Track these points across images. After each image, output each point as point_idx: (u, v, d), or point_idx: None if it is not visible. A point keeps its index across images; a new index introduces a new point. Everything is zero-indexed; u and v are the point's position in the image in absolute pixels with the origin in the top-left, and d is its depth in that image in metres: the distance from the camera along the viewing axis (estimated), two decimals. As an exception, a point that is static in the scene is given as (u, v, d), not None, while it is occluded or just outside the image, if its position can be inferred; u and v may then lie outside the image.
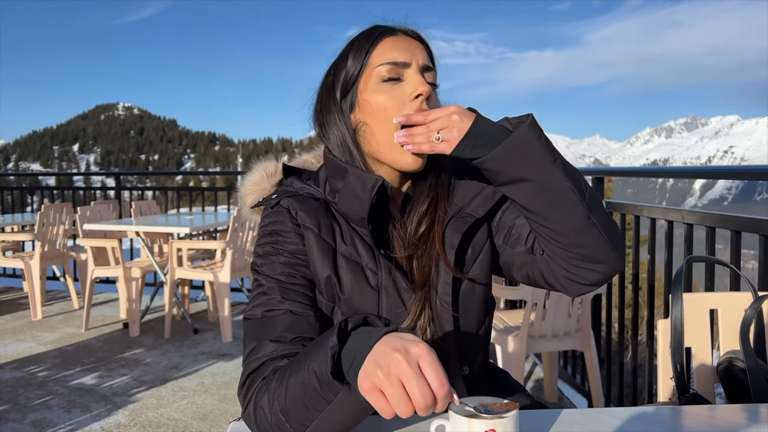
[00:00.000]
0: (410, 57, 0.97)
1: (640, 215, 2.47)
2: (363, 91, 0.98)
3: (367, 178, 0.95)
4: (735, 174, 2.16)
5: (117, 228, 4.40)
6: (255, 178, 1.15)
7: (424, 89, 0.94)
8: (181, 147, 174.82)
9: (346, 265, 0.97)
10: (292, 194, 1.02)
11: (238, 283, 5.24)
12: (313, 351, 0.76)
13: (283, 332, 0.89)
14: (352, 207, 0.97)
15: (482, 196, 1.02)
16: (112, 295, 5.52)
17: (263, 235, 1.01)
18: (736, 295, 1.33)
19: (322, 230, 0.97)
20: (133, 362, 3.73)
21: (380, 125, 0.97)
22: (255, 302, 0.95)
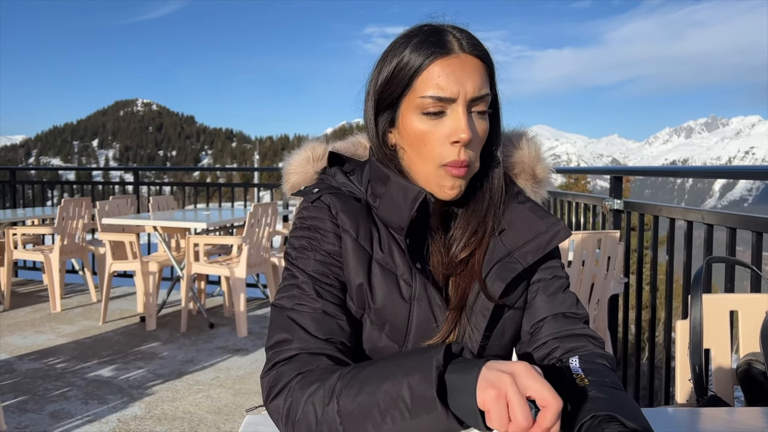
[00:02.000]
0: (458, 89, 0.88)
1: (659, 215, 2.44)
2: (404, 113, 0.93)
3: (409, 190, 0.92)
4: (754, 174, 2.13)
5: (135, 222, 4.44)
6: (301, 158, 1.11)
7: (463, 137, 0.88)
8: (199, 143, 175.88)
9: (380, 273, 0.94)
10: (334, 191, 0.99)
11: (254, 278, 5.27)
12: (408, 364, 0.74)
13: (316, 330, 0.88)
14: (391, 216, 0.94)
15: (535, 243, 0.96)
16: (129, 289, 5.58)
17: (300, 227, 0.98)
18: (757, 296, 1.31)
19: (360, 235, 0.94)
20: (149, 355, 3.77)
21: (418, 155, 0.93)
22: (287, 292, 0.93)
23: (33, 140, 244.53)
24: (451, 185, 0.92)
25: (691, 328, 1.28)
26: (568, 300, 0.98)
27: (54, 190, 7.56)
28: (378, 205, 0.96)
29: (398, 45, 0.93)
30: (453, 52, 0.89)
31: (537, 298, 0.98)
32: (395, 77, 0.92)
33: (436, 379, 0.69)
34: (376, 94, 0.96)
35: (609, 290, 2.63)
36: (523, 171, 1.07)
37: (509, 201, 1.00)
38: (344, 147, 1.13)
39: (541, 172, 1.07)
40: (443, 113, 0.90)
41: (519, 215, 0.99)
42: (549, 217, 0.98)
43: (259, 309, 5.02)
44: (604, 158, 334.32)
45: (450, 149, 0.90)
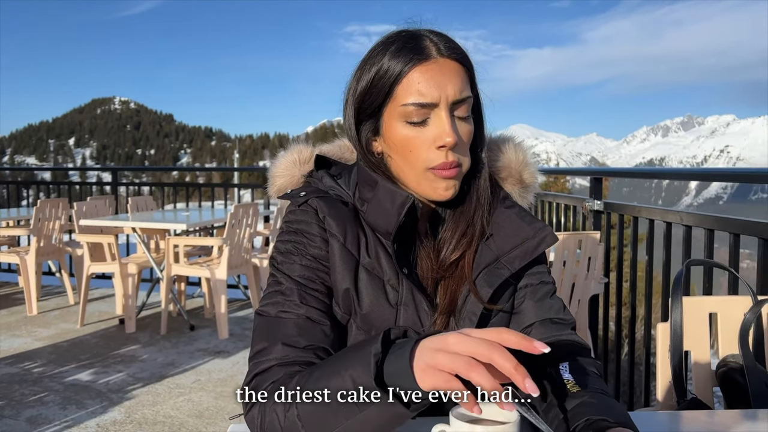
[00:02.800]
0: (439, 93, 0.88)
1: (639, 216, 2.48)
2: (387, 121, 0.93)
3: (397, 195, 0.92)
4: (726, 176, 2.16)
5: (114, 224, 4.39)
6: (288, 160, 1.10)
7: (449, 141, 0.88)
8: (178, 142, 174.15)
9: (367, 278, 0.94)
10: (321, 195, 0.99)
11: (235, 279, 5.23)
12: (350, 358, 0.74)
13: (297, 337, 0.87)
14: (379, 221, 0.94)
15: (522, 248, 0.96)
16: (107, 291, 5.51)
17: (287, 231, 0.98)
18: (735, 299, 1.34)
19: (347, 240, 0.94)
20: (129, 359, 3.72)
21: (405, 161, 0.93)
22: (271, 299, 0.92)
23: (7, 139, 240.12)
24: (445, 186, 0.92)
25: (671, 331, 1.29)
26: (555, 305, 0.99)
27: (29, 189, 7.43)
28: (366, 209, 0.96)
29: (376, 52, 0.93)
30: (431, 57, 0.89)
31: (525, 304, 0.98)
32: (375, 86, 0.92)
33: (374, 368, 0.69)
34: (356, 103, 0.95)
35: (590, 290, 2.65)
36: (510, 175, 1.07)
37: (496, 205, 1.00)
38: (331, 150, 1.12)
39: (528, 177, 1.07)
40: (427, 119, 0.90)
41: (506, 220, 0.99)
42: (536, 223, 0.99)
43: (240, 310, 4.99)
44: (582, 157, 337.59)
45: (437, 153, 0.90)
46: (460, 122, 0.91)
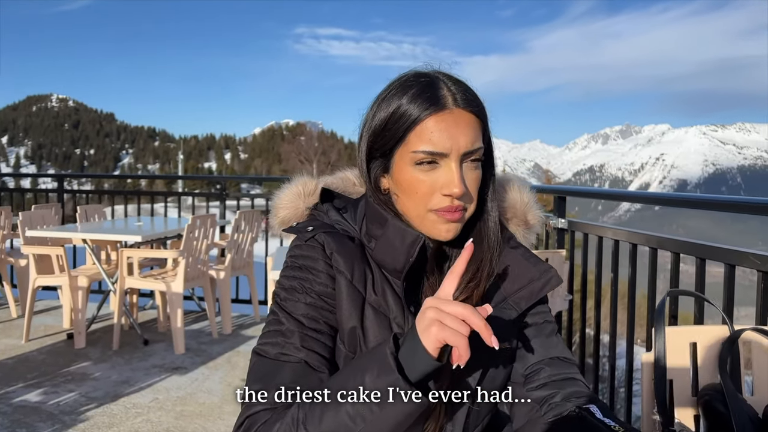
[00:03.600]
0: (451, 145, 0.89)
1: (603, 236, 2.54)
2: (398, 162, 0.93)
3: (407, 233, 0.93)
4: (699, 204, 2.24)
5: (63, 235, 4.21)
6: (292, 192, 1.11)
7: (456, 192, 0.89)
8: (119, 142, 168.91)
9: (373, 316, 0.94)
10: (329, 230, 0.98)
11: (189, 291, 5.10)
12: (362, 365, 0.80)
13: (293, 383, 0.86)
14: (388, 259, 0.95)
15: (528, 289, 0.98)
16: (52, 303, 5.28)
17: (292, 266, 0.97)
18: (714, 328, 1.38)
19: (354, 276, 0.94)
20: (80, 377, 3.57)
21: (411, 201, 0.94)
22: (270, 339, 0.92)
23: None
24: (447, 228, 0.93)
25: (655, 360, 1.33)
26: (559, 344, 1.01)
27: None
28: (374, 246, 0.96)
29: (393, 93, 0.93)
30: (447, 108, 0.90)
31: (532, 342, 1.00)
32: (389, 128, 0.92)
33: (394, 363, 0.76)
34: (369, 141, 0.96)
35: (555, 307, 2.71)
36: (515, 216, 1.10)
37: (502, 246, 1.01)
38: (334, 183, 1.13)
39: (533, 219, 1.10)
40: (436, 165, 0.91)
41: (512, 261, 1.00)
42: (541, 264, 1.01)
43: (195, 323, 4.86)
44: (527, 163, 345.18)
45: (442, 198, 0.91)
46: (469, 170, 0.92)
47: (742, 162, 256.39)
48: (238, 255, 4.75)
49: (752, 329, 1.35)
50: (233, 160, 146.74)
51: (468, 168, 0.92)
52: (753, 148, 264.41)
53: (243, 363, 3.90)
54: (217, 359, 3.97)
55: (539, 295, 0.98)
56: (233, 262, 4.66)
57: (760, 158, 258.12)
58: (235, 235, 4.67)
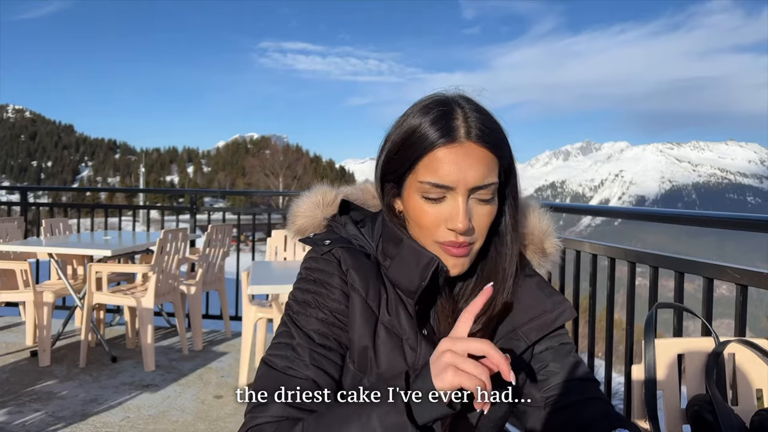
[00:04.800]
0: (458, 178, 0.86)
1: (581, 250, 2.59)
2: (408, 189, 0.92)
3: (422, 256, 0.91)
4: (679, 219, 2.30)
5: (30, 249, 4.09)
6: (311, 202, 1.10)
7: (459, 227, 0.87)
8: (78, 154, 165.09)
9: (386, 336, 0.92)
10: (346, 244, 0.97)
11: (158, 306, 4.99)
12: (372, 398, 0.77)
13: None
14: (402, 279, 0.93)
15: (540, 321, 0.96)
16: (12, 320, 5.11)
17: (306, 279, 0.96)
18: (701, 340, 1.42)
19: (369, 295, 0.93)
20: (45, 395, 3.46)
21: (419, 230, 0.93)
22: (280, 351, 0.91)
23: None
24: (453, 263, 0.92)
25: (645, 372, 1.36)
26: (579, 364, 0.99)
27: None
28: (389, 265, 0.95)
29: (412, 116, 0.92)
30: (458, 140, 0.87)
31: (550, 366, 0.98)
32: (401, 155, 0.91)
33: (404, 405, 0.74)
34: (383, 164, 0.95)
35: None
36: (532, 243, 1.07)
37: (519, 277, 0.99)
38: (353, 193, 1.12)
39: (550, 247, 1.08)
40: (443, 198, 0.89)
41: (526, 290, 0.99)
42: (556, 296, 0.99)
43: (164, 339, 4.76)
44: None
45: (447, 232, 0.89)
46: (479, 205, 0.89)
47: (696, 179, 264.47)
48: (210, 270, 4.68)
49: (737, 341, 1.39)
50: (196, 173, 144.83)
51: (477, 203, 0.89)
52: (707, 166, 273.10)
53: (215, 379, 3.83)
54: (189, 376, 3.89)
55: (551, 327, 0.97)
56: (204, 277, 4.59)
57: (714, 175, 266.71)
58: (206, 249, 4.60)
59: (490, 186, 0.89)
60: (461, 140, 0.87)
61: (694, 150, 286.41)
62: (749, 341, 1.39)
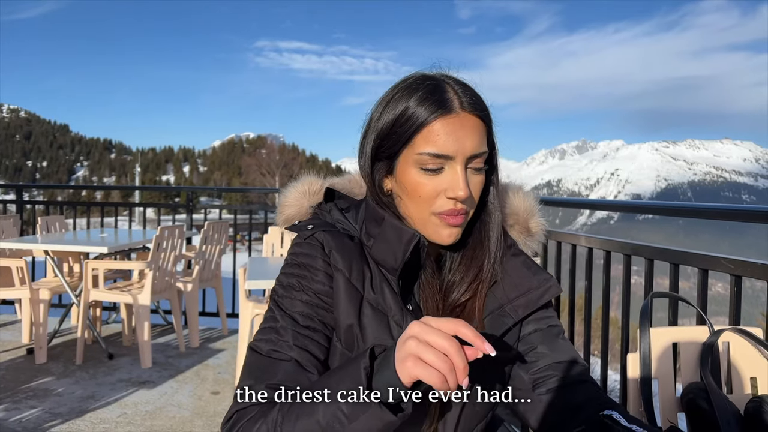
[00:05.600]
0: (456, 148, 0.89)
1: (577, 244, 2.60)
2: (402, 165, 0.94)
3: (403, 232, 0.93)
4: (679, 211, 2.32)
5: (26, 246, 4.08)
6: (298, 191, 1.13)
7: (460, 194, 0.89)
8: (74, 154, 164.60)
9: (371, 314, 0.94)
10: (328, 228, 0.99)
11: (154, 304, 4.99)
12: (338, 376, 0.78)
13: (282, 381, 0.87)
14: (385, 256, 0.95)
15: (527, 298, 0.98)
16: (8, 318, 5.10)
17: (291, 264, 0.98)
18: (696, 329, 1.43)
19: (352, 275, 0.94)
20: (42, 392, 3.45)
21: (414, 203, 0.94)
22: (265, 335, 0.92)
23: None
24: (449, 233, 0.94)
25: (641, 361, 1.37)
26: (567, 347, 1.01)
27: None
28: (371, 245, 0.97)
29: (399, 96, 0.93)
30: (453, 111, 0.90)
31: (538, 349, 1.00)
32: (395, 131, 0.92)
33: (365, 380, 0.75)
34: (375, 143, 0.96)
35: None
36: (517, 222, 1.10)
37: (504, 251, 1.02)
38: (340, 183, 1.14)
39: (535, 227, 1.11)
40: (441, 169, 0.91)
41: (512, 268, 1.01)
42: (541, 273, 1.01)
43: (161, 336, 4.76)
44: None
45: (446, 201, 0.92)
46: (473, 174, 0.93)
47: (692, 177, 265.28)
48: (206, 267, 4.68)
49: (731, 329, 1.40)
50: (192, 173, 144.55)
51: (472, 172, 0.92)
52: (702, 164, 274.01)
53: (212, 376, 3.83)
54: (186, 373, 3.89)
55: (537, 303, 0.99)
56: (201, 275, 4.58)
57: (709, 173, 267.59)
58: (203, 246, 4.60)
59: (484, 154, 0.93)
60: (456, 111, 0.90)
61: (689, 148, 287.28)
62: (743, 330, 1.40)
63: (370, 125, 0.97)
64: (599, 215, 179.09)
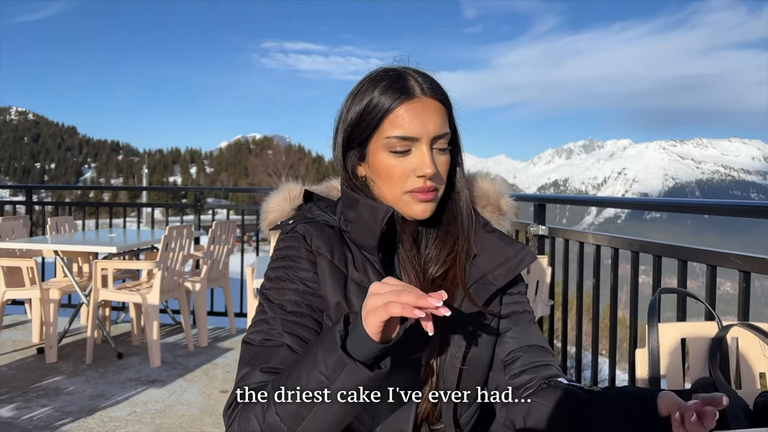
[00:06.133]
0: (421, 129, 0.97)
1: (584, 242, 2.60)
2: (373, 150, 1.01)
3: (377, 209, 1.00)
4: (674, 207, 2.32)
5: (35, 246, 4.12)
6: (279, 197, 1.19)
7: (428, 172, 0.97)
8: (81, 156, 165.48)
9: (357, 291, 0.99)
10: (309, 220, 1.05)
11: (163, 304, 5.01)
12: (316, 343, 0.84)
13: (276, 365, 0.92)
14: (363, 236, 1.01)
15: (506, 266, 1.06)
16: (18, 318, 5.14)
17: (276, 258, 1.03)
18: (704, 324, 1.43)
19: (335, 257, 1.00)
20: (53, 391, 3.48)
21: (387, 185, 1.01)
22: (256, 327, 0.98)
23: None
24: (422, 209, 1.01)
25: (649, 356, 1.37)
26: (537, 333, 1.10)
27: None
28: (350, 229, 1.03)
29: (365, 88, 1.01)
30: (416, 96, 0.98)
31: (510, 331, 1.08)
32: (364, 119, 1.00)
33: (339, 340, 0.80)
34: (345, 133, 1.04)
35: (537, 312, 2.75)
36: (488, 203, 1.18)
37: (478, 230, 1.09)
38: (319, 189, 1.22)
39: (505, 205, 1.19)
40: (409, 151, 0.98)
41: (489, 243, 1.08)
42: (516, 244, 1.09)
43: (169, 336, 4.78)
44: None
45: (416, 180, 0.99)
46: (438, 154, 1.00)
47: (700, 176, 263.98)
48: (214, 267, 4.70)
49: (740, 324, 1.40)
50: (199, 174, 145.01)
51: (437, 153, 1.00)
52: (710, 163, 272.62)
53: (221, 375, 3.85)
54: (195, 371, 3.91)
55: (516, 271, 1.06)
56: (209, 274, 4.60)
57: (717, 172, 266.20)
58: (211, 246, 4.62)
59: (447, 135, 1.01)
60: (418, 96, 0.98)
61: (697, 147, 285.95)
62: (752, 325, 1.40)
63: (341, 117, 1.05)
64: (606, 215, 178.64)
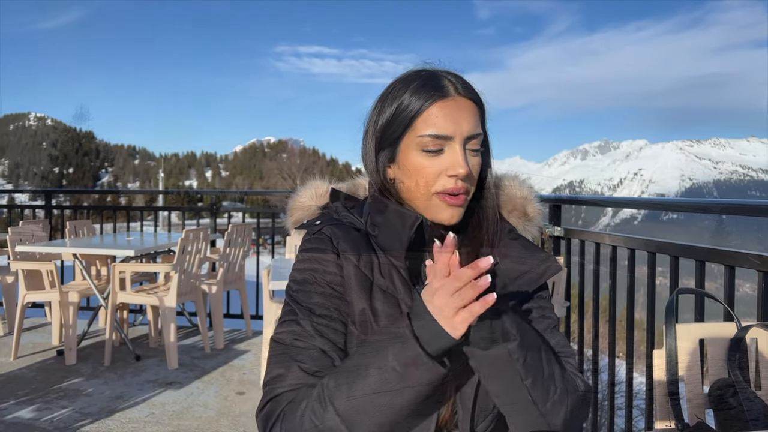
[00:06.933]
0: (455, 128, 0.96)
1: (601, 243, 2.59)
2: (404, 150, 1.00)
3: (406, 216, 0.98)
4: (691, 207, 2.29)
5: (54, 250, 4.17)
6: (305, 195, 1.18)
7: (461, 171, 0.96)
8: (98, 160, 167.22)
9: (382, 297, 0.98)
10: (335, 222, 1.04)
11: (180, 306, 5.06)
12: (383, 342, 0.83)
13: (312, 366, 0.91)
14: (390, 242, 0.99)
15: (528, 276, 1.03)
16: (38, 321, 5.21)
17: (303, 260, 1.02)
18: (722, 325, 1.42)
19: (361, 262, 0.99)
20: (72, 393, 3.52)
21: (416, 186, 0.99)
22: (287, 327, 0.96)
23: None
24: (450, 214, 0.99)
25: (667, 357, 1.36)
26: (558, 338, 1.06)
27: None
28: (377, 233, 1.02)
29: (397, 89, 1.00)
30: (449, 95, 0.97)
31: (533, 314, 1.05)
32: (396, 119, 0.99)
33: (414, 339, 0.80)
34: (378, 133, 1.03)
35: (553, 314, 2.74)
36: (514, 209, 1.15)
37: (503, 237, 1.07)
38: (344, 187, 1.21)
39: (532, 211, 1.16)
40: (441, 150, 0.97)
41: (512, 250, 1.06)
42: (540, 253, 1.06)
43: (186, 338, 4.82)
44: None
45: (447, 180, 0.97)
46: (471, 155, 0.99)
47: (717, 176, 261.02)
48: (230, 269, 4.74)
49: (759, 325, 1.39)
50: (214, 177, 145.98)
51: (470, 153, 0.99)
52: (728, 163, 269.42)
53: (237, 377, 3.88)
54: (212, 373, 3.94)
55: (539, 281, 1.04)
56: (225, 277, 4.64)
57: (735, 172, 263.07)
58: (227, 249, 4.65)
59: (480, 136, 0.99)
60: (452, 95, 0.97)
61: (714, 147, 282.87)
62: (772, 325, 1.38)
63: (372, 119, 1.04)
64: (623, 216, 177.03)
